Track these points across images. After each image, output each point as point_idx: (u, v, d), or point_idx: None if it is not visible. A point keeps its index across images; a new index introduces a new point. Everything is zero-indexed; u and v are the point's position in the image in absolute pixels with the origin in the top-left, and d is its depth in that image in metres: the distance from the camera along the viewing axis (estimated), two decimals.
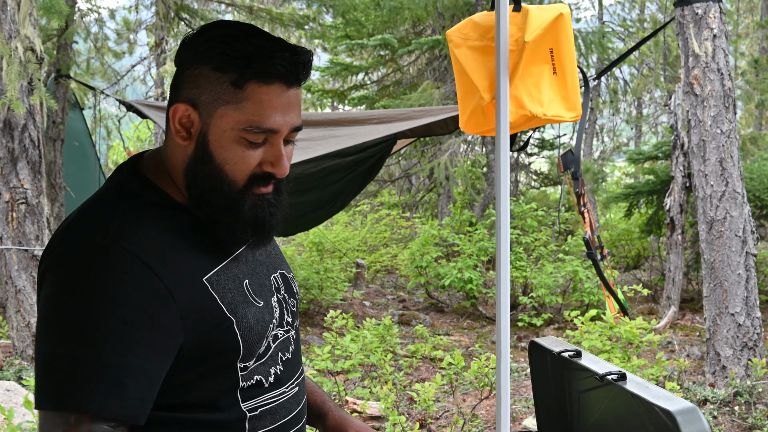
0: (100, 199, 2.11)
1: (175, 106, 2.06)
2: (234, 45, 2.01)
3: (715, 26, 8.81)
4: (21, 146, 10.01)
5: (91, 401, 1.82)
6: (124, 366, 1.85)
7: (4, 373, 9.10)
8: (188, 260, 2.02)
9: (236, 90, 1.99)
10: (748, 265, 8.70)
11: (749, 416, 7.41)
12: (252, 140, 2.01)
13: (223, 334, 2.02)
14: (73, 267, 1.93)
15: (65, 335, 1.86)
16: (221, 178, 2.03)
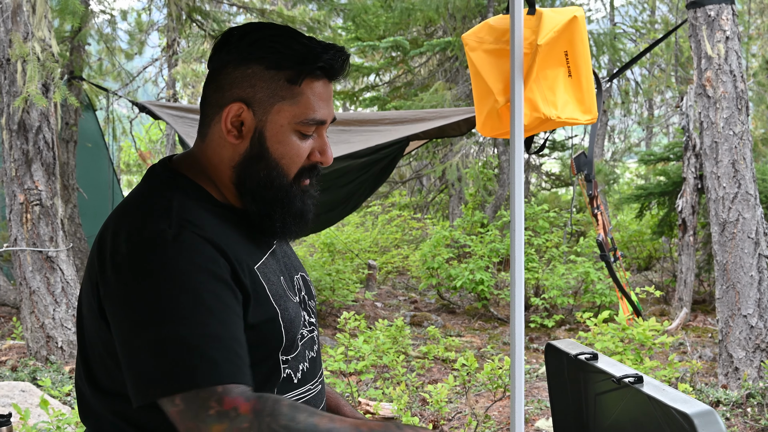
0: (149, 195, 2.17)
1: (229, 106, 2.13)
2: (286, 44, 2.12)
3: (728, 28, 8.81)
4: (35, 148, 10.04)
5: (222, 369, 1.88)
6: (229, 336, 1.92)
7: (19, 374, 9.13)
8: (241, 248, 2.10)
9: (292, 86, 2.10)
10: (761, 267, 8.70)
11: (762, 418, 7.41)
12: (305, 132, 2.13)
13: (269, 323, 2.09)
14: (150, 258, 1.97)
15: (167, 320, 1.91)
16: (277, 173, 2.13)
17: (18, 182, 10.04)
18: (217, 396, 1.85)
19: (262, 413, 1.84)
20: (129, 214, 2.09)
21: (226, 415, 1.83)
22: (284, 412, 1.85)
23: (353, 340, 9.32)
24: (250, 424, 1.83)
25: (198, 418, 1.85)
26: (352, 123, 9.10)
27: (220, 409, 1.84)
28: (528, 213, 14.18)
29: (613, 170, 22.85)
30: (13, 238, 10.07)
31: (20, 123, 10.02)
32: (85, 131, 14.56)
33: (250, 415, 1.83)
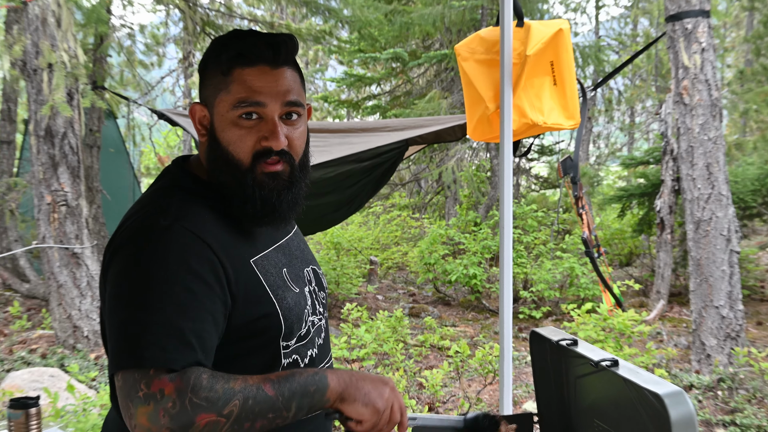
0: (156, 192, 2.22)
1: (192, 106, 2.22)
2: (223, 43, 2.18)
3: (704, 40, 8.82)
4: (61, 153, 10.05)
5: (165, 357, 1.89)
6: (189, 327, 1.94)
7: (48, 360, 9.14)
8: (237, 243, 2.14)
9: (225, 77, 2.13)
10: (732, 262, 8.71)
11: (731, 400, 7.42)
12: (246, 117, 2.12)
13: (266, 313, 2.12)
14: (140, 245, 2.02)
15: (137, 303, 1.94)
16: (228, 159, 2.14)
17: (45, 184, 10.05)
18: (148, 379, 1.88)
19: (184, 391, 1.87)
20: (136, 209, 2.16)
21: (152, 397, 1.86)
22: (203, 385, 1.89)
23: (356, 329, 9.35)
24: (173, 403, 1.86)
25: (129, 398, 1.90)
26: (355, 130, 9.11)
27: (147, 391, 1.87)
28: (517, 212, 14.19)
29: (597, 173, 22.85)
30: (41, 236, 10.08)
31: (47, 129, 10.03)
32: (107, 137, 14.59)
33: (174, 395, 1.86)
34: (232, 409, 1.91)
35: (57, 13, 10.03)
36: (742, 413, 7.09)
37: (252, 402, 1.94)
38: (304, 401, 2.01)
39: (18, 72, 10.91)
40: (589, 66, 18.81)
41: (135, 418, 1.88)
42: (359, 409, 2.09)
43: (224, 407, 1.90)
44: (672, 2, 8.97)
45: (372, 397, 2.10)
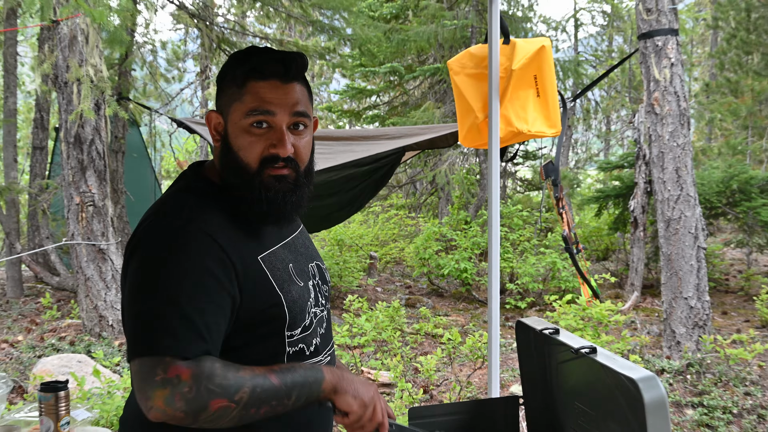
0: (172, 195, 2.23)
1: (208, 114, 2.25)
2: (240, 58, 2.20)
3: (673, 56, 8.82)
4: (89, 157, 10.06)
5: (180, 345, 1.92)
6: (200, 319, 1.97)
7: (76, 347, 9.14)
8: (246, 241, 2.15)
9: (239, 89, 2.15)
10: (699, 257, 8.71)
11: (699, 383, 7.42)
12: (256, 125, 2.14)
13: (273, 305, 2.13)
14: (156, 244, 2.04)
15: (154, 296, 1.97)
16: (238, 163, 2.16)
17: (74, 186, 10.06)
18: (164, 365, 1.90)
19: (200, 377, 1.91)
20: (154, 210, 2.18)
21: (169, 382, 1.89)
22: (218, 373, 1.93)
23: (357, 318, 9.32)
24: (189, 388, 1.90)
25: (145, 382, 1.92)
26: (356, 138, 9.11)
27: (165, 376, 1.90)
28: (504, 212, 14.17)
29: (576, 176, 22.84)
30: (70, 233, 10.10)
31: (76, 136, 10.04)
32: (131, 144, 14.58)
33: (190, 381, 1.90)
34: (242, 396, 1.95)
35: (85, 31, 10.04)
36: (709, 395, 7.08)
37: (259, 390, 1.98)
38: (303, 391, 2.07)
39: (50, 85, 10.93)
40: (569, 79, 18.81)
41: (152, 401, 1.91)
42: (349, 400, 2.14)
43: (235, 394, 1.95)
44: (644, 22, 8.96)
45: (360, 391, 2.16)
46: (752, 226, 12.92)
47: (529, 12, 19.56)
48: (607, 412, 2.34)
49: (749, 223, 12.90)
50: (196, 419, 1.93)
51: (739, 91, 20.94)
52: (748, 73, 21.31)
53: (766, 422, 6.73)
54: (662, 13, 8.88)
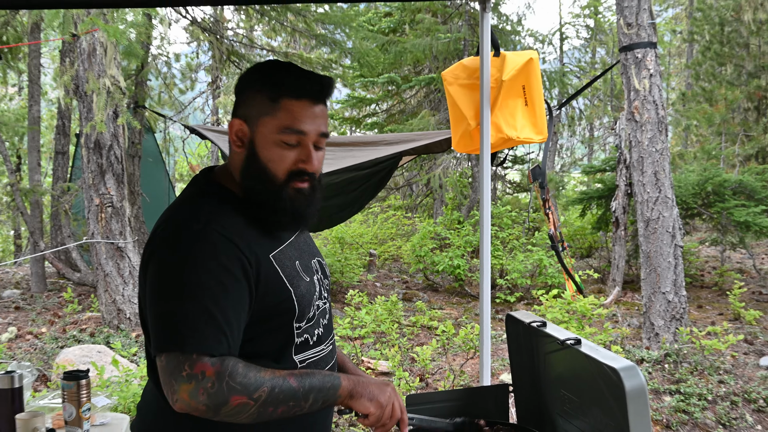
0: (187, 199, 2.23)
1: (232, 121, 2.22)
2: (272, 73, 2.18)
3: (652, 67, 8.83)
4: (108, 162, 10.07)
5: (204, 343, 1.95)
6: (223, 316, 1.99)
7: (96, 338, 9.14)
8: (258, 240, 2.15)
9: (273, 103, 2.14)
10: (676, 255, 8.72)
11: (676, 372, 7.43)
12: (287, 142, 2.15)
13: (283, 299, 2.15)
14: (176, 246, 2.04)
15: (177, 296, 1.98)
16: (266, 173, 2.16)
17: (94, 189, 10.07)
18: (191, 361, 1.93)
19: (223, 375, 1.94)
20: (171, 214, 2.18)
21: (194, 377, 1.92)
22: (240, 372, 1.96)
23: (358, 311, 9.34)
24: (212, 384, 1.93)
25: (172, 376, 1.95)
26: (357, 143, 9.11)
27: (190, 372, 1.93)
28: (494, 212, 14.18)
29: (562, 179, 22.83)
30: (90, 232, 10.11)
31: (96, 142, 10.05)
32: (147, 149, 14.58)
33: (213, 377, 1.93)
34: (260, 395, 1.98)
35: (104, 45, 10.05)
36: (686, 383, 7.09)
37: (278, 390, 2.01)
38: (320, 395, 2.09)
39: (71, 94, 10.94)
40: (555, 88, 18.85)
41: (177, 394, 1.94)
42: (365, 404, 2.16)
43: (254, 392, 1.97)
44: (625, 35, 8.97)
45: (375, 394, 2.17)
46: (726, 225, 12.93)
47: (517, 26, 19.56)
48: (590, 399, 2.35)
49: (723, 222, 12.91)
50: (217, 413, 1.96)
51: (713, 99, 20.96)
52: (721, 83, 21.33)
53: (739, 408, 6.74)
54: (642, 27, 8.89)
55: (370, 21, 18.43)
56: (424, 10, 17.77)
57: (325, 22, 13.71)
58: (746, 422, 6.59)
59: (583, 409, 2.42)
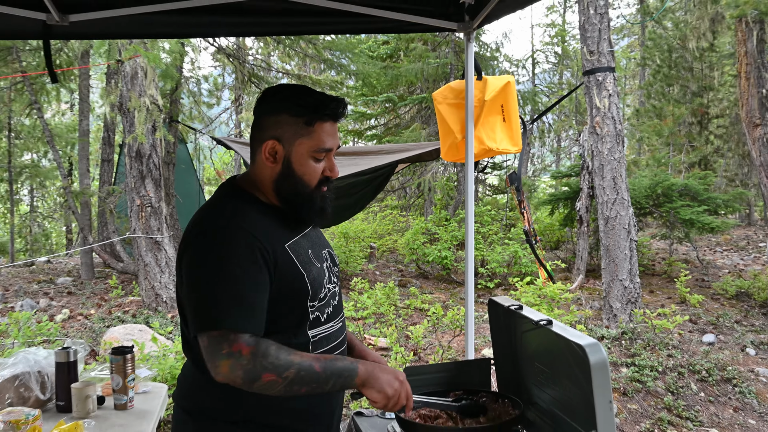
0: (215, 201, 2.26)
1: (265, 142, 2.22)
2: (303, 98, 2.20)
3: (611, 88, 8.84)
4: (147, 168, 10.07)
5: (238, 321, 1.99)
6: (249, 299, 2.03)
7: (137, 319, 9.15)
8: (276, 233, 2.18)
9: (308, 127, 2.18)
10: (632, 247, 8.73)
11: (632, 347, 7.44)
12: (318, 158, 2.20)
13: (298, 281, 2.17)
14: (207, 240, 2.08)
15: (210, 282, 2.02)
16: (302, 185, 2.21)
17: (136, 191, 10.07)
18: (229, 340, 1.98)
19: (257, 354, 1.98)
20: (201, 214, 2.21)
21: (233, 355, 1.97)
22: (272, 353, 2.01)
23: (360, 296, 9.34)
24: (248, 361, 1.97)
25: (214, 353, 1.99)
26: (359, 153, 9.12)
27: (229, 350, 1.97)
28: (476, 211, 14.18)
29: (534, 183, 22.86)
30: (132, 228, 10.12)
31: (137, 151, 10.06)
32: (180, 157, 14.58)
33: (249, 356, 1.97)
34: (288, 375, 2.02)
35: (144, 68, 10.07)
36: (640, 357, 7.11)
37: (303, 373, 2.04)
38: (339, 381, 2.11)
39: (116, 111, 10.95)
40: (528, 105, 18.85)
41: (219, 368, 1.99)
42: (374, 395, 2.17)
43: (283, 372, 2.01)
44: (588, 61, 8.99)
45: (384, 387, 2.17)
46: (673, 222, 12.95)
47: (495, 53, 19.51)
48: (560, 371, 2.36)
49: (671, 220, 12.93)
50: (251, 386, 2.00)
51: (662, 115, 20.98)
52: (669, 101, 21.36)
53: (685, 378, 6.76)
54: (602, 54, 8.90)
55: (370, 48, 18.41)
56: (417, 39, 17.77)
57: (332, 48, 13.73)
58: (691, 390, 6.62)
59: (555, 380, 2.43)
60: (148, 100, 10.02)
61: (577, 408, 2.25)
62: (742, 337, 8.60)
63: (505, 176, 10.98)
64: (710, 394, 6.62)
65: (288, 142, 2.19)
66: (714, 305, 10.51)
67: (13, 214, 18.98)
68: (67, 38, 9.73)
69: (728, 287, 11.21)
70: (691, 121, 21.82)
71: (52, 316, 9.50)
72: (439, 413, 2.58)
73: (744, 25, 14.45)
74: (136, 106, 9.94)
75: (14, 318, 7.52)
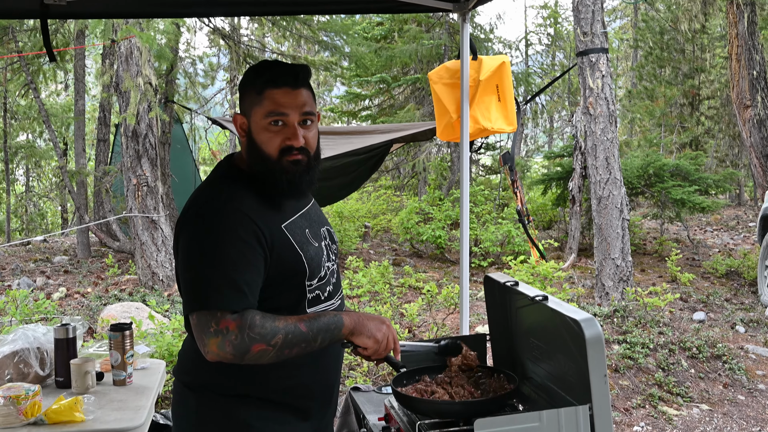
0: (212, 181, 2.27)
1: (234, 116, 2.27)
2: (258, 70, 2.23)
3: (604, 69, 8.84)
4: (143, 148, 10.05)
5: (228, 301, 2.01)
6: (241, 278, 2.03)
7: (134, 297, 9.15)
8: (271, 213, 2.19)
9: (259, 95, 2.18)
10: (624, 227, 8.76)
11: (623, 325, 7.48)
12: (274, 123, 2.17)
13: (295, 262, 2.18)
14: (202, 221, 2.10)
15: (203, 263, 2.04)
16: (261, 153, 2.19)
17: (132, 171, 10.06)
18: (216, 319, 1.99)
19: (244, 327, 2.00)
20: (198, 194, 2.23)
21: (220, 332, 1.99)
22: (257, 323, 2.02)
23: (355, 274, 9.36)
24: (236, 336, 1.99)
25: (203, 332, 2.02)
26: (354, 132, 9.12)
27: (217, 328, 1.99)
28: (470, 191, 14.19)
29: (527, 163, 22.85)
30: (129, 207, 10.11)
31: (133, 131, 10.03)
32: (175, 137, 14.54)
33: (236, 331, 1.99)
34: (276, 341, 2.04)
35: (140, 49, 10.02)
36: (631, 334, 7.14)
37: (291, 336, 2.06)
38: (327, 335, 2.13)
39: (111, 91, 10.91)
40: (521, 87, 18.84)
41: (207, 347, 2.02)
42: (364, 341, 2.20)
43: (271, 339, 2.03)
44: (581, 42, 8.97)
45: (373, 332, 2.21)
46: (664, 202, 12.98)
47: (489, 34, 19.49)
48: (555, 346, 2.37)
49: (662, 200, 12.96)
50: (243, 359, 2.02)
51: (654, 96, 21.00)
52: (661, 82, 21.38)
53: (676, 355, 6.79)
54: (595, 35, 8.88)
55: (364, 29, 18.32)
56: (411, 20, 17.69)
57: (327, 30, 13.67)
58: (682, 366, 6.66)
59: (549, 355, 2.45)
60: (143, 81, 9.97)
61: (572, 382, 2.27)
62: (732, 315, 8.64)
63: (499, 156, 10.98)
64: (700, 371, 6.67)
65: (248, 114, 2.21)
66: (704, 284, 10.56)
67: (9, 193, 18.92)
68: (65, 17, 9.68)
69: (718, 266, 11.27)
70: (683, 102, 21.85)
71: (49, 295, 9.50)
72: (435, 388, 2.59)
73: (735, 7, 14.44)
74: (131, 86, 9.89)
75: (12, 296, 7.52)
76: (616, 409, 5.93)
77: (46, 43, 3.87)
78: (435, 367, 2.76)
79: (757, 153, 14.51)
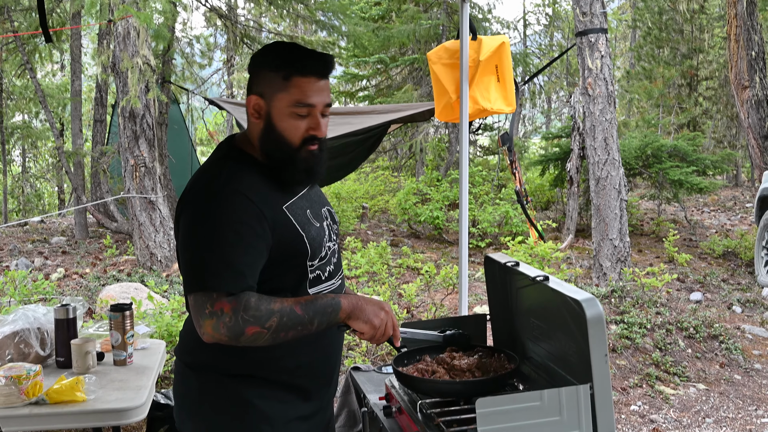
0: (213, 162, 2.26)
1: (249, 97, 2.23)
2: (284, 53, 2.19)
3: (603, 49, 8.81)
4: (141, 128, 10.03)
5: (225, 283, 2.01)
6: (239, 260, 2.03)
7: (132, 277, 9.15)
8: (272, 195, 2.18)
9: (284, 81, 2.15)
10: (622, 207, 8.77)
11: (621, 305, 7.50)
12: (299, 113, 2.16)
13: (297, 242, 2.18)
14: (201, 203, 2.10)
15: (202, 245, 2.05)
16: (283, 140, 2.18)
17: (129, 151, 10.04)
18: (212, 300, 2.00)
19: (238, 309, 2.00)
20: (198, 175, 2.22)
21: (215, 314, 2.00)
22: (252, 305, 2.02)
23: (353, 255, 9.37)
24: (230, 318, 2.00)
25: (198, 313, 2.03)
26: (351, 113, 9.09)
27: (212, 309, 2.00)
28: (469, 172, 14.17)
29: (525, 144, 22.86)
30: (126, 188, 10.10)
31: (130, 112, 10.00)
32: (172, 117, 14.50)
33: (230, 313, 2.00)
34: (271, 324, 2.04)
35: (137, 28, 9.97)
36: (629, 314, 7.17)
37: (286, 318, 2.06)
38: (323, 318, 2.13)
39: (108, 71, 10.87)
40: (519, 67, 18.76)
41: (203, 328, 2.02)
42: (360, 325, 2.20)
43: (266, 322, 2.03)
44: (580, 22, 8.94)
45: (370, 317, 2.21)
46: (662, 183, 12.99)
47: (487, 14, 19.41)
48: (556, 326, 2.38)
49: (660, 180, 12.97)
50: (238, 341, 2.03)
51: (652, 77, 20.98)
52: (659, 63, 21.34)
53: (673, 335, 6.82)
54: (595, 15, 8.85)
55: (362, 9, 18.23)
56: (409, 0, 17.63)
57: (324, 9, 13.60)
58: (679, 346, 6.69)
59: (550, 334, 2.46)
60: (140, 61, 9.93)
61: (572, 362, 2.28)
62: (729, 295, 8.67)
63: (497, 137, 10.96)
64: (697, 351, 6.70)
65: (269, 98, 2.18)
66: (701, 264, 10.59)
67: (6, 174, 18.90)
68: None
69: (715, 247, 11.29)
70: (681, 83, 21.83)
71: (48, 275, 9.50)
72: (436, 367, 2.60)
73: None
74: (128, 66, 9.85)
75: (10, 276, 7.51)
76: (614, 389, 5.96)
77: (43, 22, 3.86)
78: (436, 346, 2.77)
79: (754, 134, 14.51)
